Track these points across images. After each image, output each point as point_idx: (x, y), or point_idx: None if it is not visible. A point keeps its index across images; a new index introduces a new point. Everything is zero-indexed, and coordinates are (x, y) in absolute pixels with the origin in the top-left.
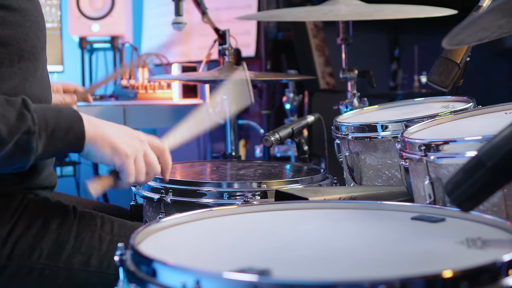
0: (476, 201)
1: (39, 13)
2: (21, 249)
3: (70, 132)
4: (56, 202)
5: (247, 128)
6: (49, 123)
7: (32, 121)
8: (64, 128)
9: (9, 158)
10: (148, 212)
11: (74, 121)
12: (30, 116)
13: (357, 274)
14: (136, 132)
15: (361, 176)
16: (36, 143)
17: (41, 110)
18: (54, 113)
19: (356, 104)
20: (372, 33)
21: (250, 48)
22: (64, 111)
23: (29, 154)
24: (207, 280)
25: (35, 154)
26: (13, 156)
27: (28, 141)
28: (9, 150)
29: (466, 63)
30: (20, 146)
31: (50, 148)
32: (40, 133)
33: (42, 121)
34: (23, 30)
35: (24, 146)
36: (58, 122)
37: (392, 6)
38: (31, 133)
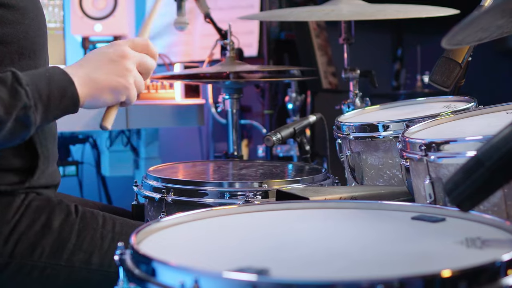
0: (475, 201)
1: (39, 10)
2: (23, 247)
3: (64, 98)
4: (58, 201)
5: (250, 128)
6: (42, 94)
7: (26, 96)
8: (58, 95)
9: (10, 135)
10: (150, 212)
11: (66, 85)
12: (24, 91)
13: (354, 274)
14: (118, 49)
15: (363, 176)
16: (34, 116)
17: (33, 82)
18: (45, 81)
19: (358, 104)
20: (375, 33)
21: (252, 47)
22: (55, 76)
23: (29, 127)
24: (205, 279)
25: (34, 126)
26: (13, 132)
27: (26, 116)
28: (8, 127)
29: (468, 63)
30: (19, 122)
31: (49, 117)
32: (36, 105)
33: (36, 93)
34: (22, 28)
35: (23, 121)
36: (51, 90)
37: (394, 6)
38: (27, 107)
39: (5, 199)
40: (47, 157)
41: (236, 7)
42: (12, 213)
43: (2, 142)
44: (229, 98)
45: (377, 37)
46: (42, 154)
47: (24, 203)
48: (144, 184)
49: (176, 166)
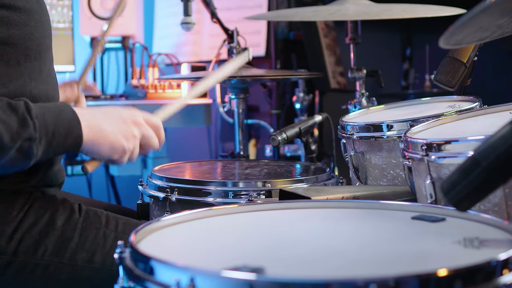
0: (472, 201)
1: (44, 12)
2: (26, 245)
3: (69, 137)
4: (62, 200)
5: (257, 128)
6: (49, 129)
7: (34, 128)
8: (63, 133)
9: (10, 163)
10: (154, 211)
11: (73, 125)
12: (32, 122)
13: (350, 273)
14: (132, 114)
15: (366, 176)
16: (37, 149)
17: (42, 115)
18: (54, 117)
19: (365, 104)
20: (384, 33)
21: (260, 47)
22: (64, 114)
23: (30, 158)
24: (201, 277)
25: (35, 158)
26: (14, 161)
27: (29, 147)
28: (10, 156)
29: (473, 62)
30: (21, 152)
31: (49, 152)
32: (41, 138)
33: (43, 127)
34: (28, 29)
35: (25, 152)
36: (57, 127)
37: (400, 5)
38: (32, 139)
39: (9, 198)
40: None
41: (244, 7)
42: (16, 212)
43: (1, 169)
44: (235, 97)
45: (386, 37)
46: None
47: (28, 202)
48: (149, 183)
49: (181, 166)
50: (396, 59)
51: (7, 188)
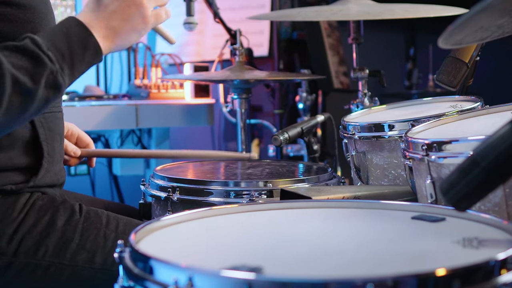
0: (471, 201)
1: (48, 9)
2: (27, 246)
3: (86, 52)
4: (63, 201)
5: (261, 128)
6: (65, 54)
7: (50, 61)
8: (80, 51)
9: (45, 101)
10: (156, 211)
11: (86, 39)
12: (46, 56)
13: (348, 272)
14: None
15: (368, 176)
16: (62, 78)
17: (52, 43)
18: (65, 40)
19: (367, 104)
20: (388, 32)
21: (263, 47)
22: (72, 31)
23: (60, 89)
24: (199, 277)
25: (64, 87)
26: (47, 98)
27: (54, 80)
28: (40, 95)
29: (475, 62)
30: (49, 87)
31: (75, 74)
32: (62, 67)
33: (59, 55)
34: (33, 27)
35: (53, 85)
36: (72, 48)
37: (402, 5)
38: (54, 72)
39: (10, 198)
40: (52, 156)
41: (248, 7)
42: (17, 213)
43: (39, 109)
44: (238, 98)
45: (390, 37)
46: (48, 153)
47: (28, 203)
48: (151, 183)
49: (183, 166)
50: (400, 59)
51: (8, 189)
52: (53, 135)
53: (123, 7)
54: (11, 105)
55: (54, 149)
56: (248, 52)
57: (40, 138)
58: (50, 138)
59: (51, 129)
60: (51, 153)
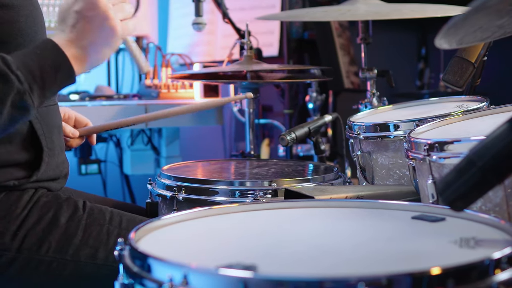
0: (467, 201)
1: (35, 6)
2: (30, 242)
3: (59, 73)
4: (67, 197)
5: (271, 128)
6: (36, 75)
7: (19, 81)
8: (52, 72)
9: (10, 121)
10: (162, 210)
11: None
12: (14, 76)
13: (342, 271)
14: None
15: (373, 176)
16: (31, 99)
17: (24, 64)
18: (37, 61)
19: (376, 104)
20: (399, 32)
21: (273, 47)
22: (44, 53)
23: (28, 110)
24: (194, 274)
25: (34, 108)
26: (13, 117)
27: (21, 101)
28: (6, 114)
29: (483, 62)
30: (16, 107)
31: (47, 94)
32: (31, 88)
33: (29, 75)
34: (18, 26)
35: (20, 106)
36: (44, 69)
37: (410, 5)
38: (21, 93)
39: (14, 194)
40: (52, 149)
41: (258, 7)
42: (20, 209)
43: (6, 128)
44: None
45: (402, 37)
46: (47, 147)
47: (32, 200)
48: (157, 182)
49: (190, 165)
50: (412, 59)
51: (11, 185)
52: (50, 128)
53: (89, 23)
54: None
55: (53, 142)
56: (257, 52)
57: (38, 132)
58: (48, 132)
59: (48, 123)
60: (51, 146)
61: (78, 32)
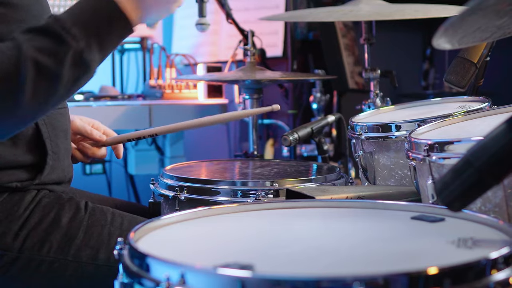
0: (464, 201)
1: (43, 6)
2: (32, 242)
3: (114, 24)
4: (69, 198)
5: (275, 128)
6: (91, 29)
7: (74, 39)
8: (107, 24)
9: (74, 82)
10: (165, 210)
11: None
12: (69, 35)
13: (338, 271)
14: None
15: (375, 176)
16: (90, 55)
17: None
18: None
19: (379, 104)
20: (405, 32)
21: (277, 48)
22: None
23: (89, 67)
24: (191, 274)
25: (96, 63)
26: (76, 77)
27: (81, 59)
28: (68, 76)
29: (485, 63)
30: (77, 66)
31: (107, 48)
32: (89, 43)
33: (83, 31)
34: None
35: (81, 64)
36: (99, 22)
37: (413, 5)
38: (79, 51)
39: (16, 195)
40: (57, 153)
41: (262, 8)
42: (22, 210)
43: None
44: (249, 98)
45: (407, 37)
46: (51, 151)
47: (34, 200)
48: (160, 182)
49: (193, 165)
50: (417, 59)
51: (14, 186)
52: (56, 132)
53: None
54: (37, 90)
55: (58, 146)
56: (261, 53)
57: (43, 136)
58: (53, 136)
59: (54, 126)
60: (55, 150)
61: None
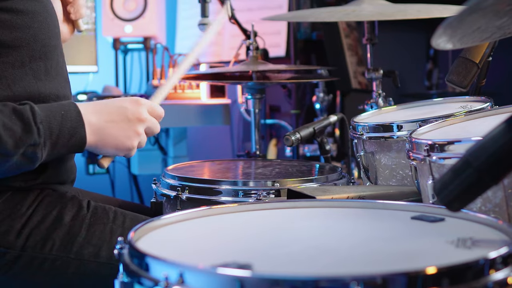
0: (463, 201)
1: (49, 13)
2: (35, 240)
3: (72, 139)
4: (71, 196)
5: (278, 128)
6: (53, 132)
7: (38, 134)
8: (67, 136)
9: (15, 168)
10: (167, 209)
11: (77, 127)
12: (36, 128)
13: (337, 271)
14: (137, 111)
15: (377, 176)
16: (41, 153)
17: (46, 118)
18: (59, 120)
19: (381, 104)
20: (408, 32)
21: (280, 48)
22: (68, 115)
23: (34, 162)
24: (189, 273)
25: (39, 161)
26: (18, 165)
27: (33, 152)
28: (14, 161)
29: (488, 63)
30: (25, 157)
31: (54, 154)
32: (45, 143)
33: (47, 131)
34: (32, 32)
35: (30, 156)
36: (62, 130)
37: (415, 6)
38: (36, 145)
39: (19, 194)
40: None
41: (265, 8)
42: (25, 208)
43: (6, 173)
44: (252, 98)
45: (411, 37)
46: None
47: (37, 199)
48: (162, 182)
49: (194, 165)
50: (421, 59)
51: (17, 186)
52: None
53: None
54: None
55: None
56: (264, 53)
57: None
58: None
59: None
60: None
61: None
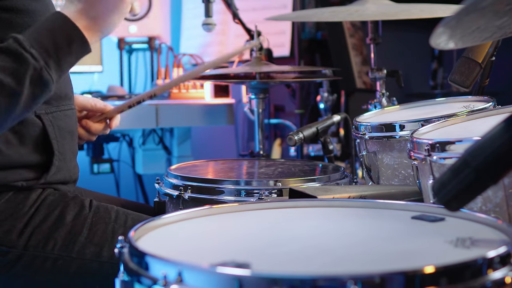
0: (462, 201)
1: (50, 11)
2: (37, 239)
3: (72, 45)
4: (73, 196)
5: (283, 127)
6: (49, 50)
7: (34, 58)
8: (66, 46)
9: (33, 100)
10: (169, 209)
11: (70, 33)
12: (29, 54)
13: (336, 270)
14: None
15: (379, 176)
16: (49, 74)
17: (36, 41)
18: (49, 36)
19: (385, 104)
20: (413, 32)
21: (285, 47)
22: (56, 27)
23: (48, 86)
24: (188, 272)
25: (53, 82)
26: (34, 96)
27: (40, 77)
28: (27, 94)
29: (491, 62)
30: (35, 84)
31: (64, 67)
32: (47, 63)
33: (44, 52)
34: None
35: (39, 82)
36: (57, 44)
37: (419, 5)
38: (38, 69)
39: (22, 194)
40: (63, 153)
41: (270, 8)
42: (28, 208)
43: (28, 107)
44: (255, 97)
45: (416, 36)
46: (58, 151)
47: (39, 198)
48: (165, 181)
49: (197, 165)
50: (426, 59)
51: (19, 185)
52: (63, 133)
53: None
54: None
55: (65, 147)
56: (268, 53)
57: (50, 136)
58: (60, 136)
59: (60, 127)
60: (62, 150)
61: (86, 2)
